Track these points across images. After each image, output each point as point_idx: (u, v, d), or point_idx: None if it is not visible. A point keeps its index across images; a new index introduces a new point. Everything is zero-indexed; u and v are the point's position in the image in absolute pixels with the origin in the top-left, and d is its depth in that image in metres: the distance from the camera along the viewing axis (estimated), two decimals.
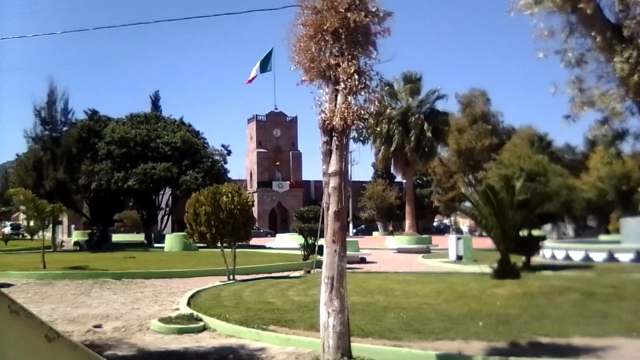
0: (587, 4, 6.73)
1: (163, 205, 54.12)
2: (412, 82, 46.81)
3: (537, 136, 64.30)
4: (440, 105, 48.74)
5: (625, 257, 25.29)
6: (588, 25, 6.90)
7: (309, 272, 21.46)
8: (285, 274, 21.96)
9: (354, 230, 79.72)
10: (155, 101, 72.44)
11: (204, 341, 10.26)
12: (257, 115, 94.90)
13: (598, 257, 26.15)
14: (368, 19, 7.84)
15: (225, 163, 53.72)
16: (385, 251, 39.83)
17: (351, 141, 8.85)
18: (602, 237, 42.02)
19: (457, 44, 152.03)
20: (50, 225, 30.03)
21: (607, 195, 51.18)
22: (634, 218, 30.36)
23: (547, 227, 54.34)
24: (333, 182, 8.02)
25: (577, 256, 26.86)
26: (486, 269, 19.32)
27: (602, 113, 7.01)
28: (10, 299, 2.52)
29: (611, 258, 25.74)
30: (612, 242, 31.58)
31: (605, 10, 7.08)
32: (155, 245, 45.51)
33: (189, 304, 13.66)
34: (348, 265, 8.41)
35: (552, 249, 28.73)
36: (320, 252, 19.87)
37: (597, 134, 7.16)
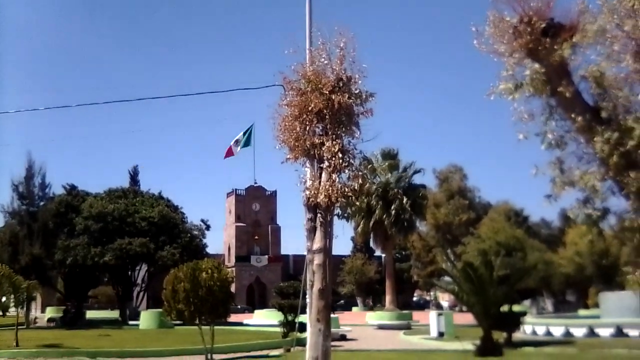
0: (566, 88, 7.02)
1: (139, 281, 53.24)
2: (391, 157, 47.54)
3: (514, 211, 64.94)
4: (417, 180, 49.41)
5: (605, 332, 25.21)
6: (567, 108, 7.16)
7: (288, 350, 21.05)
8: (264, 352, 21.53)
9: (334, 306, 78.68)
10: (134, 176, 72.03)
11: None
12: (236, 190, 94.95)
13: (578, 332, 26.05)
14: (351, 101, 8.06)
15: (204, 238, 53.33)
16: (366, 327, 39.27)
17: (335, 218, 8.90)
18: (582, 312, 41.95)
19: (435, 120, 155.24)
20: (25, 302, 29.46)
21: (586, 270, 51.37)
22: (614, 292, 30.48)
23: (527, 302, 54.16)
24: (317, 259, 8.03)
25: (557, 332, 26.75)
26: (468, 345, 19.13)
27: (583, 192, 7.19)
28: None
29: (591, 333, 25.65)
30: (592, 317, 31.56)
31: (583, 94, 7.38)
32: (130, 322, 44.54)
33: None
34: None
35: (532, 325, 28.59)
36: (301, 330, 19.63)
37: (579, 213, 7.30)
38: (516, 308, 26.73)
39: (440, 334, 28.29)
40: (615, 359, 16.85)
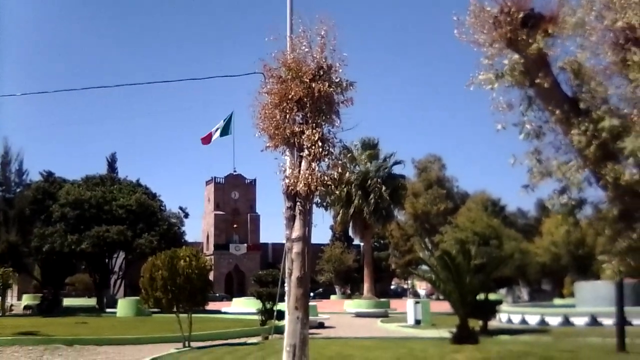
0: (544, 79, 7.06)
1: (116, 269, 52.89)
2: (371, 147, 47.66)
3: (491, 201, 65.42)
4: (397, 170, 49.59)
5: (580, 321, 25.60)
6: (546, 99, 7.22)
7: (266, 338, 21.08)
8: (242, 340, 21.53)
9: (312, 294, 78.87)
10: (112, 163, 71.56)
11: None
12: (215, 178, 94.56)
13: (554, 321, 26.40)
14: (332, 89, 8.05)
15: (183, 226, 53.08)
16: (344, 315, 39.44)
17: (314, 206, 8.90)
18: (557, 301, 42.53)
19: (415, 110, 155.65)
20: (0, 289, 29.26)
21: (561, 260, 52.00)
22: (589, 282, 30.89)
23: (502, 291, 54.71)
24: (296, 247, 8.03)
25: (533, 320, 27.08)
26: (445, 333, 19.31)
27: (560, 183, 7.26)
28: None
29: (566, 322, 26.01)
30: (567, 306, 31.98)
31: (562, 85, 7.43)
32: (108, 310, 44.32)
33: None
34: None
35: (508, 313, 28.93)
36: (279, 317, 19.66)
37: (555, 203, 7.38)
38: (492, 297, 27.06)
39: (417, 322, 28.56)
40: (589, 347, 17.10)
